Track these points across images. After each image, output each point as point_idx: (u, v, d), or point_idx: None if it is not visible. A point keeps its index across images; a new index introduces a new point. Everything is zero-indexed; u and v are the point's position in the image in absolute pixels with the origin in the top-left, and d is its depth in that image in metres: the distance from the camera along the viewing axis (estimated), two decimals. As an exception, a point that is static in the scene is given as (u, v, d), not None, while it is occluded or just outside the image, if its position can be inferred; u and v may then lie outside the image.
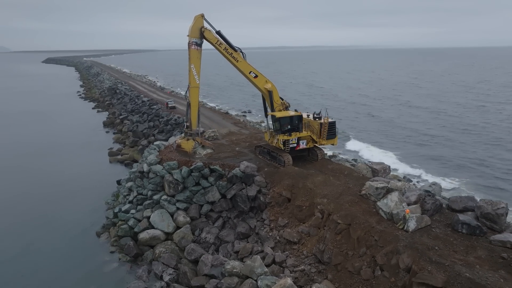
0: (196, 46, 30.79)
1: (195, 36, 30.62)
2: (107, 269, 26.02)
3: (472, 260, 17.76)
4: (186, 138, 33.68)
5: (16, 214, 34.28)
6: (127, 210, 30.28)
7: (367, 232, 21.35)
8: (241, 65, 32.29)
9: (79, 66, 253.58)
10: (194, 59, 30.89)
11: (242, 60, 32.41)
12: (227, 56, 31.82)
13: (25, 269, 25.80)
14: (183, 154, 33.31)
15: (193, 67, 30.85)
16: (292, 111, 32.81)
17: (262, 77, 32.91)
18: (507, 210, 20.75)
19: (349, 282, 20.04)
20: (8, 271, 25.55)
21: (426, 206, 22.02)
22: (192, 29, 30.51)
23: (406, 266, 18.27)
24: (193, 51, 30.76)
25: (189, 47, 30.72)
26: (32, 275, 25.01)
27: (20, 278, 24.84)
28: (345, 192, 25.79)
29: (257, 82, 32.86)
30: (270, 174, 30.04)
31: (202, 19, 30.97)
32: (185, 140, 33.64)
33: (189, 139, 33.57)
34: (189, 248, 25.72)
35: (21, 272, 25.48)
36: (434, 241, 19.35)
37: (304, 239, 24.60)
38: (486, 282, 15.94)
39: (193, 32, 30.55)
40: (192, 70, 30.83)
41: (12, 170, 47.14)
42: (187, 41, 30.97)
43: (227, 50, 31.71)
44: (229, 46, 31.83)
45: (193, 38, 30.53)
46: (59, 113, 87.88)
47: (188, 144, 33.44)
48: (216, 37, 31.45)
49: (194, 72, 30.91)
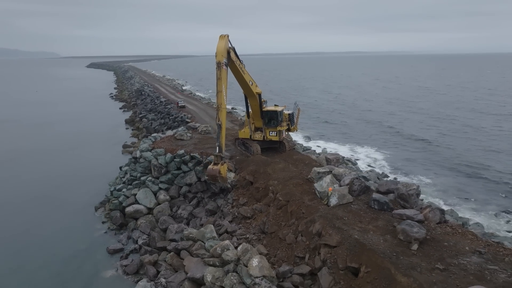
0: (225, 66, 29.29)
1: (225, 56, 29.00)
2: (96, 234, 31.41)
3: (370, 228, 21.17)
4: (221, 163, 29.06)
5: (34, 188, 41.02)
6: (119, 189, 35.67)
7: (298, 207, 25.16)
8: (246, 76, 32.94)
9: (118, 70, 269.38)
10: (225, 79, 29.04)
11: (247, 72, 33.22)
12: (239, 71, 31.80)
13: (30, 228, 31.76)
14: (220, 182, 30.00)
15: (223, 88, 28.82)
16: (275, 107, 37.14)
17: (255, 83, 34.83)
18: (417, 191, 23.88)
19: (277, 246, 23.96)
20: (15, 226, 31.60)
21: (353, 187, 25.43)
22: (222, 51, 28.88)
23: (317, 231, 21.95)
24: (224, 72, 28.81)
25: (220, 68, 28.59)
26: (33, 236, 30.71)
27: (23, 233, 30.75)
28: (296, 177, 29.60)
29: (253, 88, 34.14)
30: (240, 162, 34.39)
31: (228, 39, 30.00)
32: (220, 165, 28.93)
33: (223, 163, 29.44)
34: (162, 219, 30.59)
35: (26, 228, 31.47)
36: (346, 214, 22.87)
37: (257, 215, 28.60)
38: (368, 242, 19.40)
39: (224, 53, 28.91)
40: (223, 91, 28.68)
41: (38, 157, 54.55)
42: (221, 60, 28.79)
43: (240, 66, 31.92)
44: (239, 60, 31.91)
45: (223, 59, 28.81)
46: (89, 112, 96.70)
47: (225, 168, 29.44)
48: (236, 57, 31.24)
49: (224, 93, 28.90)
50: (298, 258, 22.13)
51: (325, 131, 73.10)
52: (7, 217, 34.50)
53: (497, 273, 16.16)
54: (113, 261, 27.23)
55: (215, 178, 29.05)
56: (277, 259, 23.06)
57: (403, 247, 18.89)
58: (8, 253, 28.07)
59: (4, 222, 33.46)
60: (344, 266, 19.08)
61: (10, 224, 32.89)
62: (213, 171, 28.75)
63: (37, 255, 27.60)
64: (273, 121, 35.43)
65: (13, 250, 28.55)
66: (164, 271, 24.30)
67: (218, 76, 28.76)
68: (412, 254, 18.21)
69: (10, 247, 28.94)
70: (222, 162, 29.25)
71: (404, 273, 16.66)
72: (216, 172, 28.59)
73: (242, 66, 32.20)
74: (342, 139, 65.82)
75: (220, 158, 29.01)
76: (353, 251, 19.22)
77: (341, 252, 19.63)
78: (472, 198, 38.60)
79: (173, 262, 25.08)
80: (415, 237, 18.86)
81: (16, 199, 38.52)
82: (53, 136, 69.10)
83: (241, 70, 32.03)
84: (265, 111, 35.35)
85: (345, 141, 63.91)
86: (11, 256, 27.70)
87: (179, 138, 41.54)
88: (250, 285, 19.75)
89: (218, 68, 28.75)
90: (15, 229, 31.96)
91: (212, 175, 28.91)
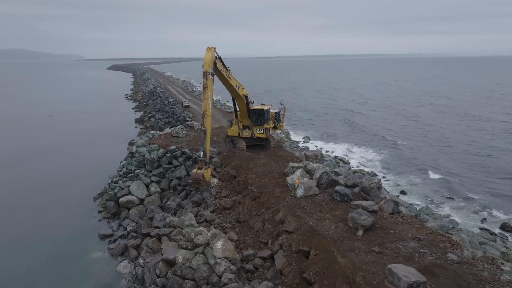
0: (212, 76, 31.12)
1: (211, 67, 30.89)
2: (92, 221, 34.12)
3: (327, 216, 22.89)
4: (205, 168, 29.82)
5: (42, 182, 44.24)
6: (116, 181, 38.35)
7: (269, 198, 27.06)
8: (232, 82, 34.99)
9: (136, 72, 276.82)
10: (211, 88, 30.84)
11: (233, 77, 35.18)
12: (225, 77, 33.90)
13: (33, 214, 34.77)
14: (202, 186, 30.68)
15: (209, 96, 30.58)
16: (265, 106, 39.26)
17: (241, 86, 36.91)
18: (378, 185, 25.42)
19: (247, 233, 25.90)
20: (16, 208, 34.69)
21: (322, 180, 27.15)
22: (209, 61, 30.82)
23: (280, 219, 23.81)
24: (210, 81, 30.72)
25: (206, 78, 30.62)
26: (34, 221, 33.68)
27: (25, 219, 33.75)
28: (274, 171, 31.46)
29: (240, 91, 36.37)
30: (226, 157, 36.52)
31: (214, 51, 31.93)
32: (204, 170, 29.62)
33: (207, 168, 30.22)
34: (150, 209, 33.03)
35: (29, 214, 34.49)
36: (309, 204, 24.63)
37: (236, 206, 30.60)
38: (320, 228, 21.15)
39: (210, 63, 30.81)
40: (208, 99, 30.35)
41: (48, 153, 58.29)
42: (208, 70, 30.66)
43: (226, 73, 33.99)
44: (225, 68, 33.87)
45: (210, 69, 30.71)
46: (103, 111, 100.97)
47: (208, 173, 30.16)
48: (222, 66, 33.20)
49: (210, 101, 30.64)
50: (262, 243, 24.02)
51: (331, 131, 74.44)
52: (16, 204, 37.74)
53: (426, 255, 17.65)
54: (102, 244, 29.80)
55: (199, 182, 29.76)
56: (245, 245, 24.98)
57: (351, 233, 20.54)
58: (8, 233, 31.21)
59: (12, 208, 36.74)
60: (297, 249, 20.87)
61: (16, 210, 36.08)
62: (196, 175, 29.44)
63: (33, 237, 30.52)
64: (260, 119, 37.43)
65: (13, 231, 31.68)
66: (144, 253, 26.65)
67: (204, 85, 30.69)
68: (357, 239, 19.85)
69: (12, 229, 32.02)
70: (206, 167, 30.04)
71: (343, 254, 18.35)
72: (200, 176, 29.26)
73: (228, 73, 34.31)
74: (343, 140, 66.87)
75: (204, 163, 29.89)
76: (306, 236, 21.00)
77: (296, 237, 21.44)
78: (458, 197, 39.48)
79: (153, 246, 27.37)
80: (361, 224, 20.48)
81: (24, 191, 41.79)
82: (65, 134, 73.03)
83: (228, 76, 34.21)
84: (252, 109, 37.40)
85: (345, 142, 65.01)
86: (10, 235, 30.82)
87: (175, 135, 44.01)
88: (212, 265, 21.77)
89: (205, 77, 30.66)
90: (19, 214, 35.10)
91: (195, 179, 29.63)
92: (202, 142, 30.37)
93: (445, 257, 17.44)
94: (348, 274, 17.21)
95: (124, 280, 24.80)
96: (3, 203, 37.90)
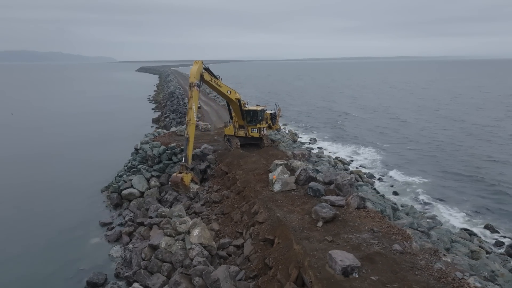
0: (197, 87, 33.14)
1: (197, 78, 33.06)
2: (96, 211, 37.11)
3: (296, 209, 24.50)
4: (185, 172, 30.99)
5: (55, 175, 47.97)
6: (121, 175, 41.33)
7: (250, 192, 28.92)
8: (223, 89, 37.17)
9: (162, 74, 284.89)
10: (195, 98, 32.65)
11: (223, 84, 37.33)
12: (215, 86, 36.35)
13: (42, 205, 38.17)
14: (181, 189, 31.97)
15: (193, 105, 32.21)
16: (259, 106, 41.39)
17: (233, 91, 38.74)
18: (351, 182, 26.75)
19: (227, 224, 27.87)
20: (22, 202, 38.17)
21: (300, 177, 28.75)
22: (195, 74, 32.99)
23: (254, 211, 25.65)
24: (196, 91, 32.59)
25: (192, 88, 32.61)
26: (41, 211, 36.93)
27: (33, 208, 37.15)
28: (261, 168, 33.31)
29: (232, 96, 38.30)
30: (221, 155, 38.67)
31: (201, 64, 34.28)
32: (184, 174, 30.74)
33: (187, 173, 31.21)
34: (147, 201, 35.63)
35: (38, 204, 37.92)
36: (283, 198, 26.32)
37: (224, 200, 32.67)
38: (286, 219, 22.81)
39: (196, 75, 32.99)
40: (193, 108, 31.95)
41: (67, 149, 62.53)
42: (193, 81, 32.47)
43: (216, 82, 36.31)
44: (215, 77, 36.25)
45: (195, 81, 32.76)
46: (123, 112, 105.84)
47: (188, 177, 31.10)
48: (210, 77, 35.49)
49: (194, 110, 32.23)
50: (238, 233, 25.91)
51: (342, 134, 75.27)
52: (30, 193, 41.44)
53: (373, 245, 19.00)
54: (101, 231, 32.62)
55: (177, 185, 31.02)
56: (224, 234, 26.96)
57: (312, 224, 22.09)
58: (17, 218, 34.75)
59: (22, 196, 40.43)
60: (263, 238, 22.63)
61: (26, 200, 39.66)
62: (176, 178, 30.60)
63: (40, 222, 33.76)
64: (253, 119, 39.39)
65: (22, 216, 35.21)
66: (135, 239, 29.15)
67: (190, 95, 32.71)
68: (316, 230, 21.39)
69: (22, 215, 35.53)
70: (186, 172, 31.11)
71: (298, 242, 19.97)
72: (179, 179, 30.32)
73: (218, 82, 36.36)
74: (350, 142, 67.58)
75: (185, 168, 31.10)
76: (272, 226, 22.73)
77: (264, 227, 23.21)
78: (451, 199, 39.81)
79: (144, 234, 29.84)
80: (322, 216, 22.00)
81: (41, 183, 45.48)
82: (86, 132, 77.64)
83: (217, 85, 36.28)
84: (246, 110, 39.41)
85: (352, 144, 65.72)
86: (19, 221, 34.25)
87: (179, 134, 46.62)
88: (187, 250, 23.91)
89: (190, 88, 32.69)
90: (31, 202, 38.68)
91: (174, 181, 30.82)
92: (184, 148, 31.89)
93: (391, 247, 18.72)
94: (299, 260, 18.85)
95: (114, 263, 27.36)
96: (20, 192, 41.71)
